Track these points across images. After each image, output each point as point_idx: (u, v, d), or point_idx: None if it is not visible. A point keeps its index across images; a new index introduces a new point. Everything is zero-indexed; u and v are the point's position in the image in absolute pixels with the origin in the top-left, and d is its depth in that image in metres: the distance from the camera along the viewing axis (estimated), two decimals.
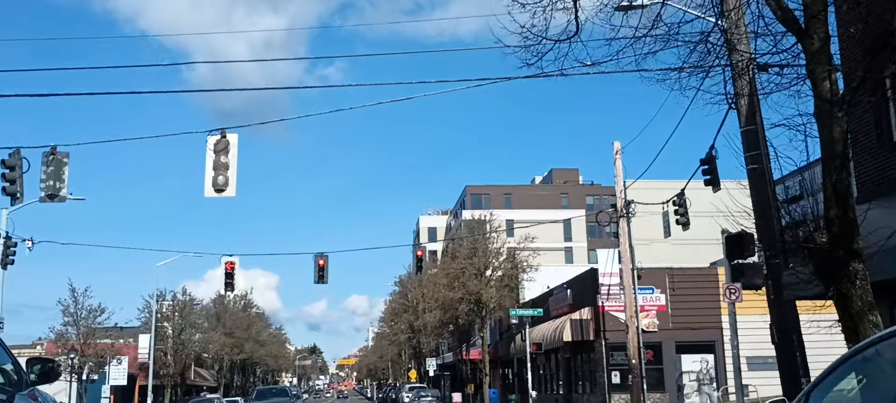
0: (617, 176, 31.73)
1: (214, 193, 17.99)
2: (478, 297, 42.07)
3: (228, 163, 18.03)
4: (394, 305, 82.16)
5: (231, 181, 18.00)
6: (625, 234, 31.24)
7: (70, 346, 46.09)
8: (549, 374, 42.55)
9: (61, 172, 17.38)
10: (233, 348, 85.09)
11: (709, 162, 22.44)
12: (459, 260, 44.04)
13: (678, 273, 35.62)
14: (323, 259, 31.84)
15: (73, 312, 48.66)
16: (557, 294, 39.86)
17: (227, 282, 31.74)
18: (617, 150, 31.95)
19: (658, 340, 34.04)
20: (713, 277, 35.59)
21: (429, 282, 64.62)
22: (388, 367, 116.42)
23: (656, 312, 34.71)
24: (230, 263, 31.75)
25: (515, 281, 44.20)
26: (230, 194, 18.03)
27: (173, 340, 64.84)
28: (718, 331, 34.82)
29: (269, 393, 38.96)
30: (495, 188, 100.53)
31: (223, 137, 18.13)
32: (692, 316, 34.75)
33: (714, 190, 22.42)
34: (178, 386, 72.63)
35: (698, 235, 33.78)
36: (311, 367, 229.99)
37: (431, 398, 51.67)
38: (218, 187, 17.91)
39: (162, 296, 63.74)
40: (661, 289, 35.00)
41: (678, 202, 24.88)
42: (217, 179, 17.92)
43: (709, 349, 34.03)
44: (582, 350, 36.77)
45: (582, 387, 37.20)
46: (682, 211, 24.81)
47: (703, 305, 34.86)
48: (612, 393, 34.00)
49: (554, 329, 37.03)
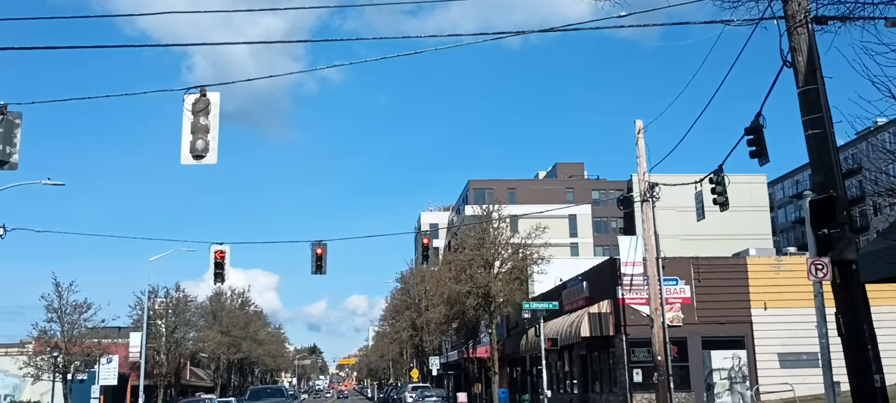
0: (639, 157, 29.08)
1: (192, 160, 15.46)
2: (486, 290, 39.51)
3: (209, 125, 15.52)
4: (395, 302, 79.65)
5: (212, 146, 15.49)
6: (648, 220, 28.66)
7: (53, 344, 43.38)
8: (562, 372, 39.98)
9: (12, 135, 14.85)
10: (229, 347, 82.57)
11: (755, 131, 19.93)
12: (466, 251, 41.47)
13: (704, 263, 33.08)
14: (321, 247, 29.35)
15: (57, 308, 45.97)
16: (572, 286, 37.30)
17: (217, 273, 29.17)
18: (639, 130, 29.35)
19: (683, 335, 31.51)
20: (741, 267, 33.10)
21: (431, 278, 62.25)
22: (389, 366, 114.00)
23: (681, 305, 32.22)
24: (220, 252, 29.19)
25: (525, 274, 41.64)
26: (210, 161, 15.50)
27: (166, 338, 62.25)
28: (748, 326, 32.36)
29: (263, 393, 35.99)
30: (499, 182, 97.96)
31: (203, 96, 15.63)
32: (719, 310, 32.25)
33: (761, 162, 19.94)
34: (173, 386, 70.08)
35: (709, 231, 31.18)
36: (311, 367, 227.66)
37: (436, 397, 48.88)
38: (197, 153, 15.39)
39: (154, 293, 61.25)
40: (685, 281, 32.50)
41: (715, 180, 22.30)
42: (196, 144, 15.41)
43: (737, 345, 31.49)
44: (600, 347, 34.23)
45: (599, 386, 34.64)
46: (719, 189, 22.24)
47: (730, 297, 32.39)
48: (634, 393, 31.45)
49: (569, 323, 34.47)
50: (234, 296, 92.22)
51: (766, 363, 31.72)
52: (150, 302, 60.44)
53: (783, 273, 32.89)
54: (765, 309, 32.42)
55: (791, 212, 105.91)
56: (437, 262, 69.16)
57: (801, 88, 16.38)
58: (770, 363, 31.85)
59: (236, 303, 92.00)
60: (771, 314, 32.42)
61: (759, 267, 33.05)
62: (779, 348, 32.06)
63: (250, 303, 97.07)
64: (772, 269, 32.99)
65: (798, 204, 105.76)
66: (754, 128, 19.81)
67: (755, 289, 32.52)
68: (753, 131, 19.83)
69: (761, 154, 19.62)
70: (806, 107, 16.51)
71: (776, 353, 32.04)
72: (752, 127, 19.84)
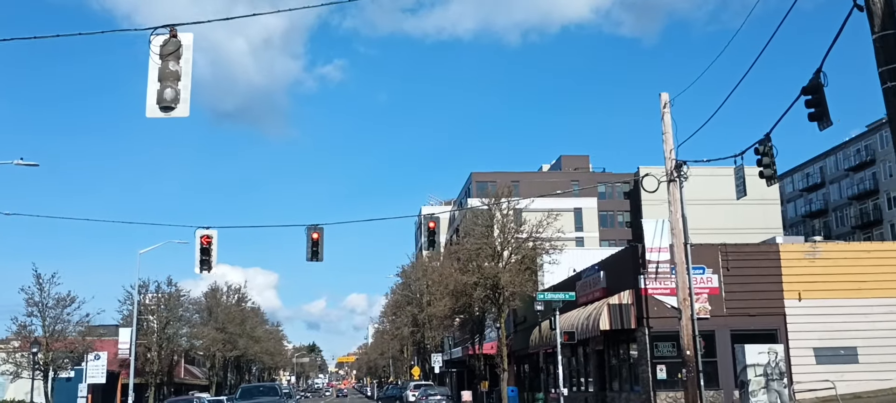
0: (665, 133, 26.40)
1: (159, 112, 12.89)
2: (495, 281, 36.90)
3: (180, 71, 12.95)
4: (396, 297, 77.08)
5: (183, 96, 12.91)
6: (675, 202, 26.01)
7: (33, 340, 40.67)
8: (576, 369, 37.41)
9: None
10: (225, 344, 80.00)
11: (815, 90, 17.39)
12: (473, 238, 38.85)
13: (732, 250, 30.52)
14: (317, 232, 26.79)
15: (38, 301, 43.23)
16: (587, 277, 34.74)
17: (203, 259, 26.53)
18: (665, 103, 26.72)
19: (710, 328, 28.93)
20: (773, 255, 30.53)
21: (434, 272, 59.74)
22: (389, 364, 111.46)
23: (708, 296, 29.67)
24: (206, 237, 26.59)
25: (535, 264, 39.02)
26: (181, 113, 12.93)
27: (158, 334, 59.67)
28: (780, 318, 29.82)
29: (255, 392, 33.24)
30: (502, 175, 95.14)
31: (173, 37, 13.07)
32: (749, 301, 29.71)
33: (821, 126, 17.36)
34: (166, 385, 67.47)
35: (719, 225, 28.36)
36: (310, 365, 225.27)
37: (441, 396, 46.07)
38: (165, 104, 12.82)
39: (145, 287, 58.71)
40: (712, 269, 29.95)
41: (762, 150, 19.69)
42: (164, 93, 12.83)
43: (770, 338, 28.82)
44: (619, 341, 31.67)
45: (619, 384, 32.06)
46: (767, 160, 19.64)
47: (762, 287, 29.86)
48: (658, 391, 28.89)
49: (586, 316, 31.89)
50: (230, 292, 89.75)
51: (800, 358, 29.17)
52: (141, 296, 57.92)
53: (819, 260, 30.37)
54: (799, 300, 29.90)
55: (801, 206, 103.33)
56: (438, 257, 66.62)
57: (877, 34, 13.90)
58: (805, 358, 29.31)
59: (232, 299, 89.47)
60: (806, 305, 29.88)
61: (793, 255, 30.50)
62: (815, 342, 29.53)
63: (247, 299, 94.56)
64: (806, 256, 30.45)
65: (808, 197, 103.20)
66: (814, 87, 17.27)
67: (788, 278, 29.99)
68: (813, 90, 17.28)
69: (822, 116, 17.08)
70: (884, 55, 13.98)
71: (812, 348, 29.51)
72: (811, 85, 17.31)
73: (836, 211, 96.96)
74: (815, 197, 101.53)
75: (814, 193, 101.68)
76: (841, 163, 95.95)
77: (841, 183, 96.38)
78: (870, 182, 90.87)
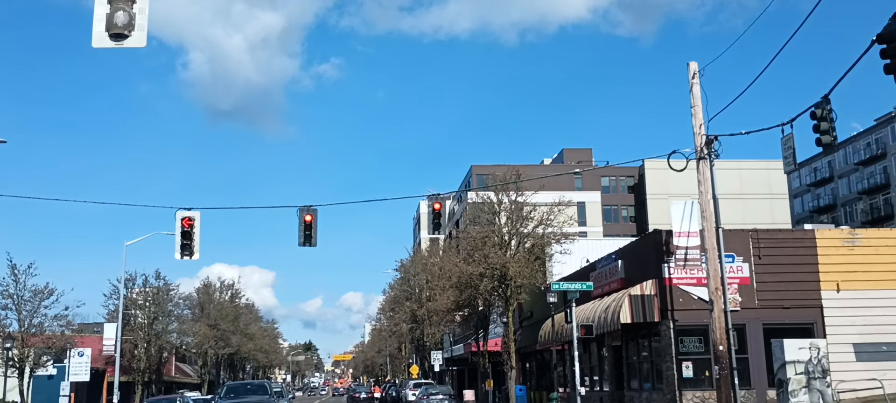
0: (694, 106, 23.89)
1: (109, 42, 10.34)
2: (502, 271, 34.33)
3: None
4: (395, 293, 74.48)
5: (139, 21, 10.36)
6: (706, 182, 23.50)
7: (6, 334, 38.00)
8: (588, 366, 34.84)
9: None
10: (217, 341, 77.26)
11: (891, 38, 14.92)
12: (480, 226, 36.29)
13: (764, 236, 27.97)
14: (310, 214, 24.24)
15: (14, 293, 40.52)
16: (603, 267, 32.20)
17: (184, 244, 23.96)
18: (693, 73, 24.22)
19: (741, 322, 26.32)
20: (809, 242, 27.97)
21: (433, 266, 57.31)
22: (386, 362, 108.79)
23: (738, 286, 27.15)
24: (187, 219, 24.00)
25: (545, 253, 36.46)
26: (136, 42, 10.38)
27: (146, 330, 57.05)
28: (817, 311, 27.31)
29: (242, 390, 30.57)
30: (503, 168, 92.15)
31: None
32: (783, 292, 27.18)
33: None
34: (154, 382, 64.84)
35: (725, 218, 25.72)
36: (306, 364, 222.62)
37: (443, 396, 43.34)
38: (115, 30, 10.27)
39: (132, 280, 56.13)
40: (743, 258, 27.42)
41: (821, 115, 17.13)
42: (115, 18, 10.29)
43: (806, 332, 26.26)
44: (640, 336, 29.12)
45: (639, 382, 29.48)
46: (826, 126, 17.10)
47: (797, 277, 27.36)
48: (684, 390, 26.34)
49: (604, 308, 29.34)
50: (223, 288, 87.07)
51: (839, 355, 26.57)
52: (128, 290, 55.36)
53: (858, 249, 27.85)
54: (837, 292, 27.38)
55: (809, 201, 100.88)
56: (438, 253, 64.11)
57: None
58: (845, 355, 26.75)
59: (226, 296, 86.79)
60: (844, 297, 27.36)
61: (830, 242, 27.96)
62: (855, 337, 27.00)
63: (241, 296, 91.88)
64: (845, 244, 27.91)
65: (816, 192, 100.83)
66: (890, 35, 14.82)
67: (826, 268, 27.47)
68: (890, 38, 14.81)
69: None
70: None
71: (851, 344, 26.98)
72: (887, 32, 14.85)
73: (845, 205, 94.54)
74: (823, 191, 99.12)
75: (822, 188, 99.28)
76: (850, 157, 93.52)
77: (850, 177, 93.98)
78: (880, 176, 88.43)
